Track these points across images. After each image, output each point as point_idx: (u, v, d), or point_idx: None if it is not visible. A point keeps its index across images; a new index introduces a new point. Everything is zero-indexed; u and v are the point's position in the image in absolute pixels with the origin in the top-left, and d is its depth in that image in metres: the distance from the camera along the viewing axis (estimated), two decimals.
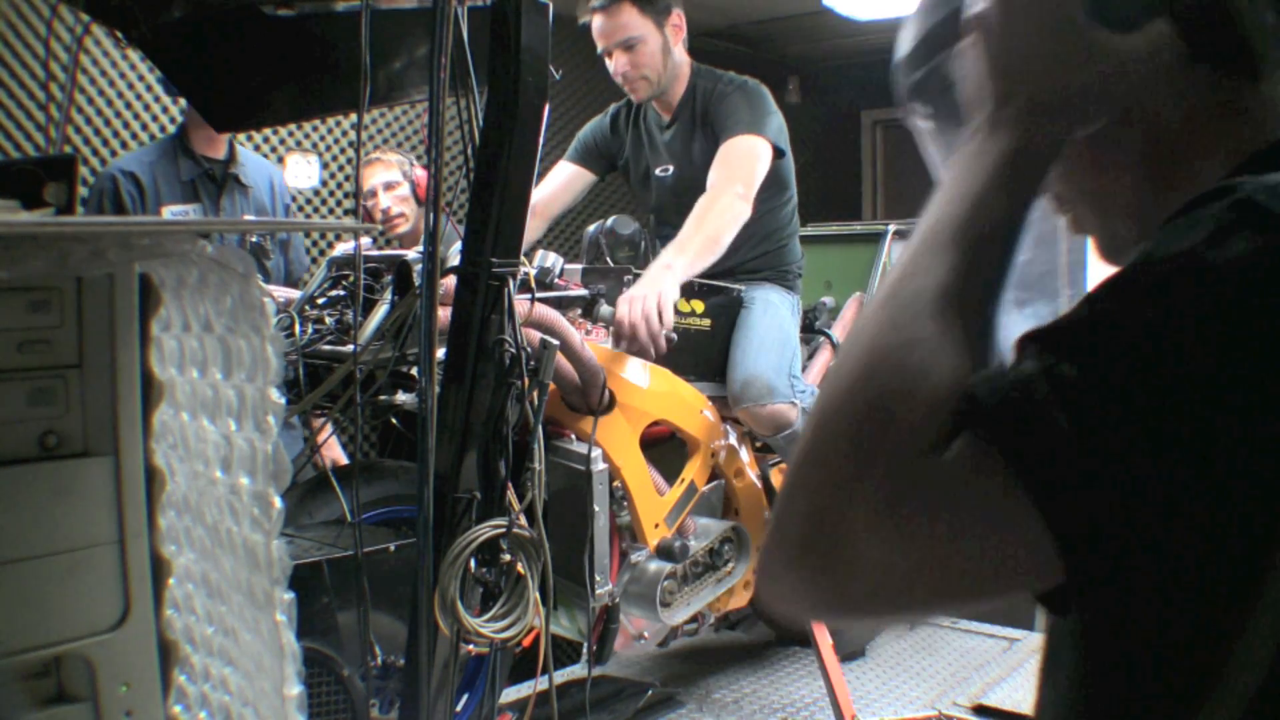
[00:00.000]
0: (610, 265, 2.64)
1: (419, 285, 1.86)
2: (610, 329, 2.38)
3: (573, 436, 2.36)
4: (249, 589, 1.31)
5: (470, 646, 1.90)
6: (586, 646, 2.43)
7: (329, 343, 2.07)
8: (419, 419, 1.62)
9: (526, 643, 2.09)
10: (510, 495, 1.73)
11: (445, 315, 1.75)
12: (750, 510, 2.84)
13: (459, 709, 2.23)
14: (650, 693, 2.89)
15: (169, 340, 1.40)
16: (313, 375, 2.05)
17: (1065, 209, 0.76)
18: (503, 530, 1.69)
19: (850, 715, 2.58)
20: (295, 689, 1.28)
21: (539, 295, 2.04)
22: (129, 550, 1.35)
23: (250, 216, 3.14)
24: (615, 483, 2.42)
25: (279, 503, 1.26)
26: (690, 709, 2.88)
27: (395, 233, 3.48)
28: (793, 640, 3.31)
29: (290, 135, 3.91)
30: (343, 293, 2.19)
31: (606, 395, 2.33)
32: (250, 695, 1.35)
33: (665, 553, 2.48)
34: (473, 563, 1.71)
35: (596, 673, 2.72)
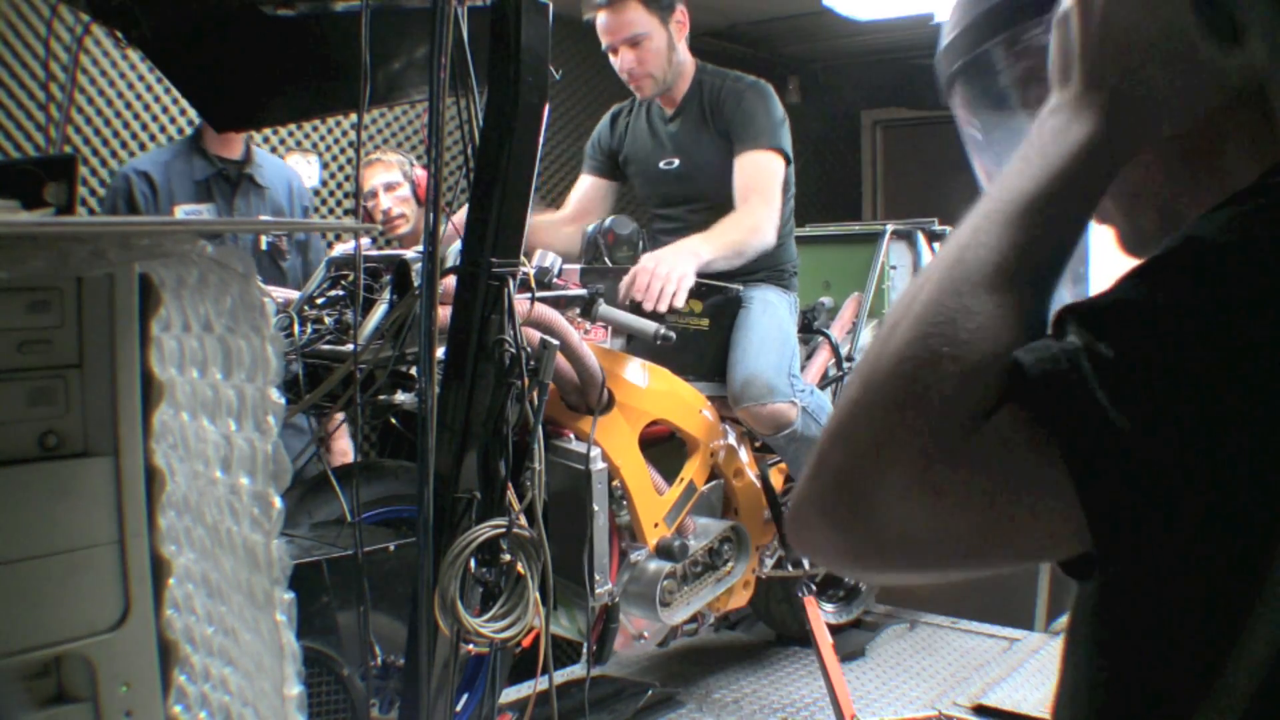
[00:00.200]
0: (609, 265, 2.64)
1: (418, 285, 1.86)
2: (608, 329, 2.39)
3: (572, 436, 2.36)
4: (249, 589, 1.31)
5: (470, 646, 1.90)
6: (586, 646, 2.44)
7: (329, 343, 2.07)
8: (419, 419, 1.62)
9: (526, 643, 2.09)
10: (510, 495, 1.73)
11: (445, 315, 1.75)
12: (750, 510, 2.84)
13: (459, 709, 2.23)
14: (650, 693, 2.89)
15: (169, 340, 1.40)
16: (313, 375, 2.05)
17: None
18: (503, 530, 1.69)
19: (850, 715, 2.58)
20: (295, 689, 1.28)
21: (538, 295, 2.04)
22: (129, 550, 1.35)
23: (265, 218, 3.14)
24: (615, 482, 2.42)
25: (279, 503, 1.26)
26: (690, 709, 2.88)
27: (396, 233, 3.48)
28: (793, 640, 3.31)
29: (290, 135, 3.91)
30: (342, 293, 2.19)
31: (606, 395, 2.33)
32: (250, 695, 1.36)
33: (665, 552, 2.49)
34: (473, 563, 1.71)
35: (596, 673, 2.72)
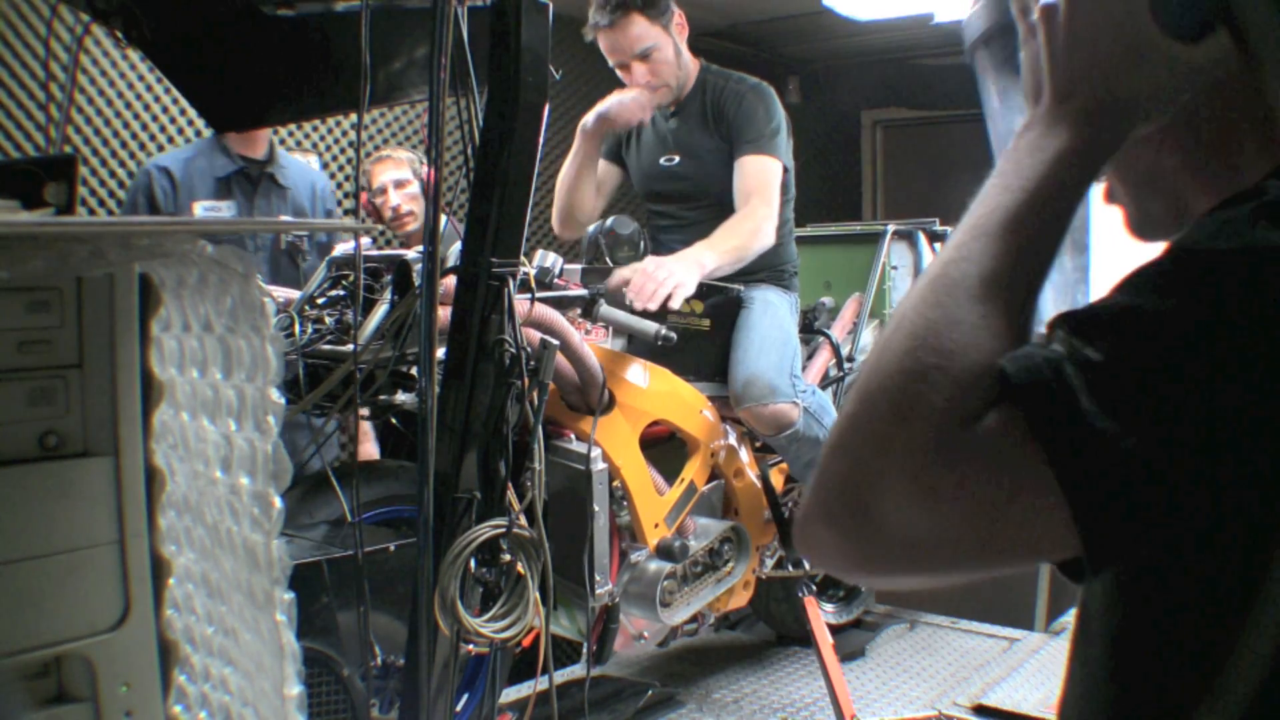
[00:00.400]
0: (610, 265, 2.65)
1: (419, 285, 1.86)
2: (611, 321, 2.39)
3: (573, 436, 2.36)
4: (249, 589, 1.31)
5: (470, 646, 1.90)
6: (586, 646, 2.43)
7: (329, 343, 2.07)
8: (419, 419, 1.62)
9: (526, 643, 2.09)
10: (510, 495, 1.73)
11: (445, 315, 1.75)
12: (750, 510, 2.84)
13: (459, 709, 2.23)
14: (650, 693, 2.89)
15: (169, 340, 1.40)
16: (313, 375, 2.05)
17: (1099, 178, 0.76)
18: (503, 530, 1.69)
19: (850, 715, 2.58)
20: (295, 689, 1.28)
21: (539, 295, 2.04)
22: (129, 550, 1.35)
23: (272, 218, 3.15)
24: (615, 482, 2.42)
25: (279, 503, 1.26)
26: (690, 709, 2.88)
27: (404, 230, 3.47)
28: (793, 640, 3.31)
29: (290, 135, 3.91)
30: (342, 292, 2.19)
31: (606, 395, 2.33)
32: (250, 695, 1.36)
33: (665, 552, 2.48)
34: (473, 563, 1.71)
35: (596, 673, 2.72)
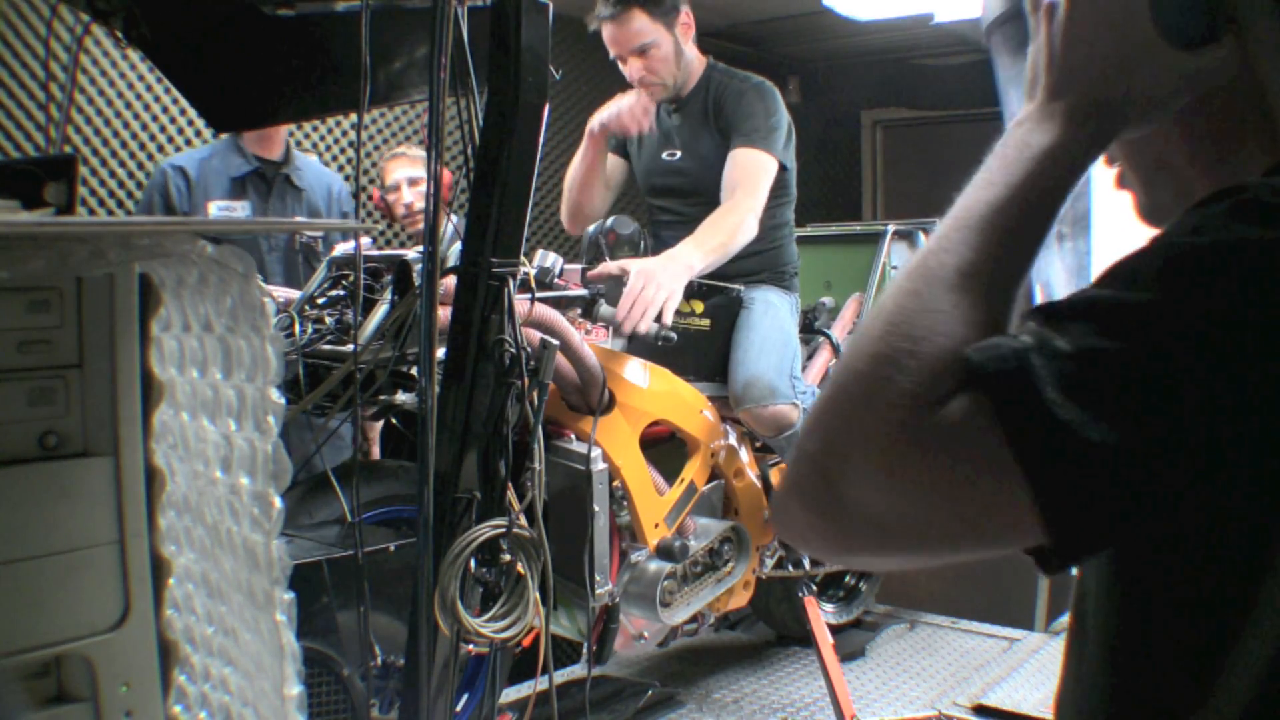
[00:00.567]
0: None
1: (419, 285, 1.86)
2: (610, 325, 2.39)
3: (573, 436, 2.36)
4: (249, 589, 1.31)
5: (470, 646, 1.90)
6: (586, 646, 2.43)
7: (329, 343, 2.07)
8: (419, 419, 1.62)
9: (526, 643, 2.09)
10: (510, 495, 1.73)
11: (445, 315, 1.75)
12: (750, 510, 2.84)
13: (459, 709, 2.23)
14: (650, 693, 2.89)
15: (169, 340, 1.40)
16: (313, 375, 2.05)
17: (1112, 164, 0.77)
18: (503, 530, 1.69)
19: (850, 715, 2.58)
20: (295, 689, 1.28)
21: (539, 295, 2.04)
22: (129, 550, 1.35)
23: (295, 219, 3.16)
24: (615, 483, 2.42)
25: (279, 503, 1.26)
26: (690, 709, 2.88)
27: (415, 228, 3.46)
28: (793, 640, 3.31)
29: (290, 135, 3.91)
30: (343, 292, 2.19)
31: (606, 395, 2.33)
32: (250, 695, 1.35)
33: (665, 553, 2.48)
34: (473, 563, 1.71)
35: (596, 673, 2.72)
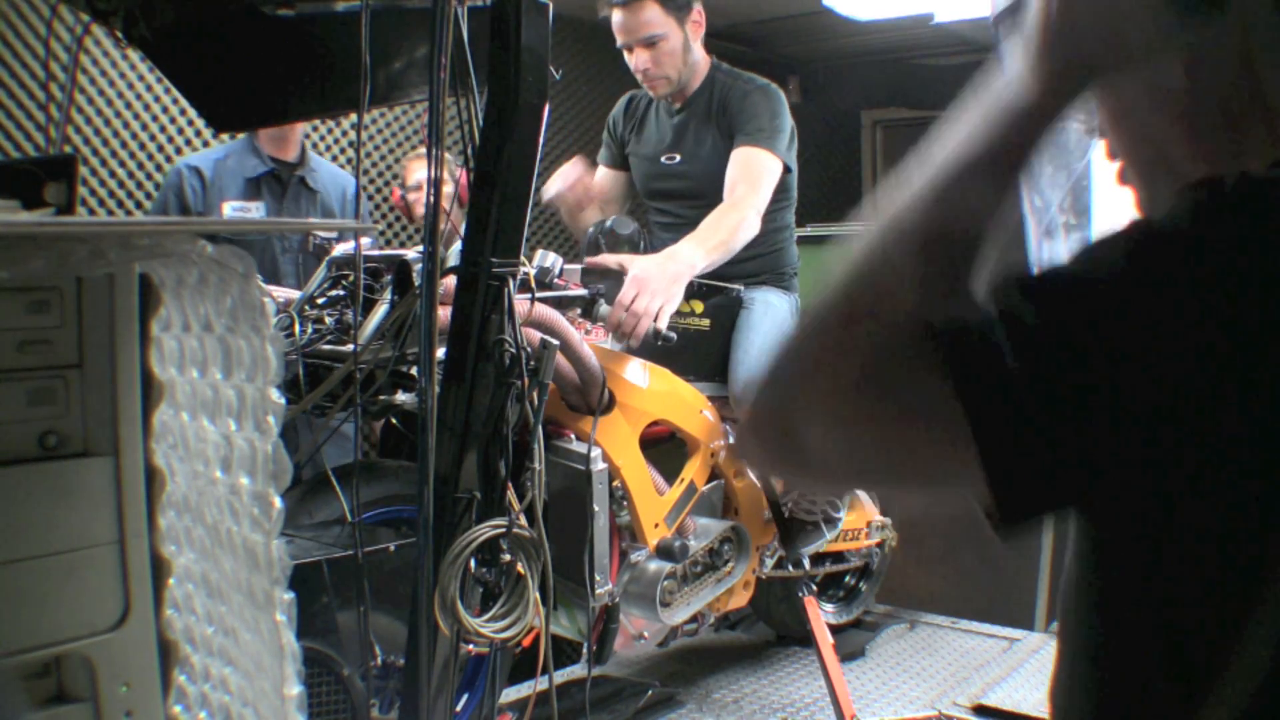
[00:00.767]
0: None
1: (419, 285, 1.86)
2: (609, 325, 2.39)
3: (573, 436, 2.36)
4: (249, 589, 1.31)
5: (470, 646, 1.90)
6: (586, 646, 2.43)
7: (329, 343, 2.07)
8: (419, 419, 1.62)
9: (526, 643, 2.09)
10: (510, 495, 1.73)
11: (445, 315, 1.75)
12: (750, 510, 2.84)
13: (459, 709, 2.23)
14: (650, 693, 2.89)
15: (169, 340, 1.40)
16: (313, 375, 2.05)
17: (1114, 159, 0.77)
18: (503, 530, 1.69)
19: (850, 715, 2.58)
20: (295, 689, 1.28)
21: (539, 295, 2.04)
22: (129, 550, 1.35)
23: (299, 219, 3.18)
24: (615, 483, 2.42)
25: (279, 503, 1.26)
26: (690, 709, 2.88)
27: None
28: (793, 640, 3.31)
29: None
30: (343, 292, 2.19)
31: (606, 395, 2.33)
32: (250, 695, 1.36)
33: (665, 552, 2.48)
34: (473, 563, 1.71)
35: (596, 673, 2.72)
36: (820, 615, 2.84)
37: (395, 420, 2.50)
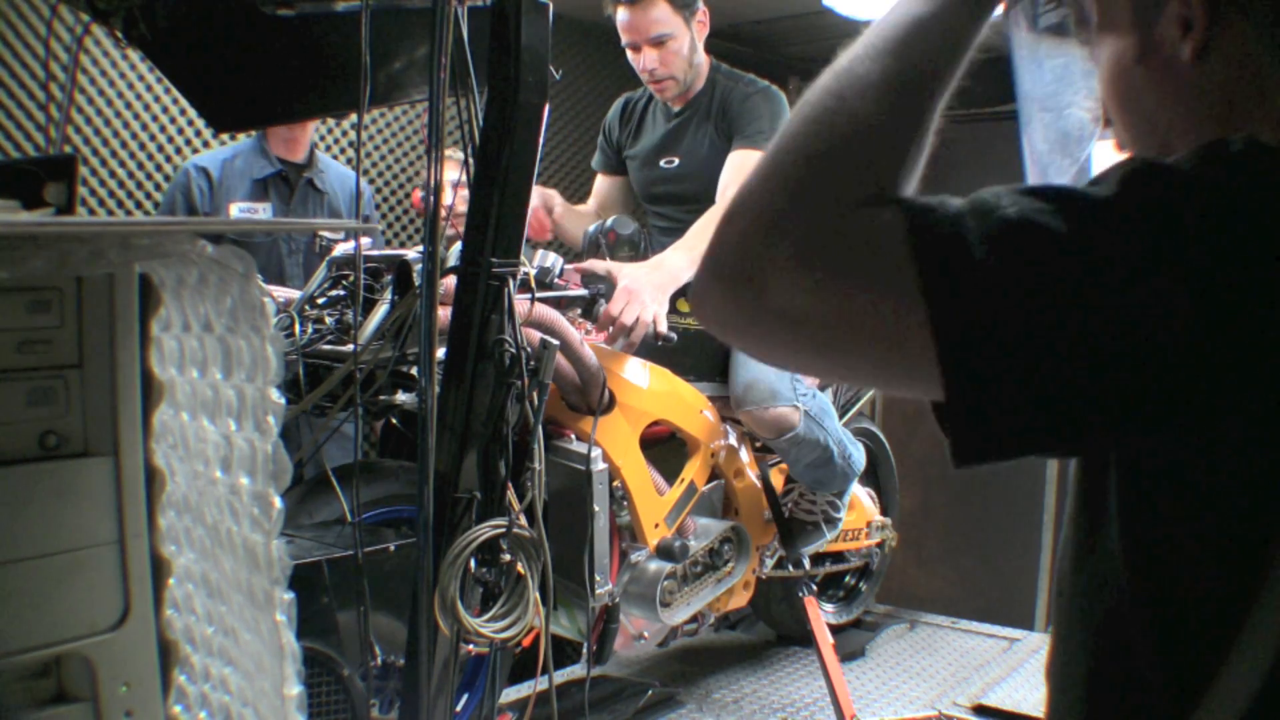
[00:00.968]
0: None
1: (419, 285, 1.86)
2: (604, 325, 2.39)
3: (573, 436, 2.36)
4: (249, 589, 1.31)
5: (470, 646, 1.90)
6: (586, 646, 2.43)
7: (329, 343, 2.07)
8: (419, 419, 1.62)
9: (526, 643, 2.09)
10: (510, 495, 1.73)
11: (445, 315, 1.75)
12: (750, 510, 2.84)
13: (459, 709, 2.23)
14: (650, 693, 2.89)
15: (169, 340, 1.39)
16: (313, 375, 2.05)
17: (1121, 149, 0.78)
18: (503, 530, 1.69)
19: (850, 715, 2.58)
20: (295, 689, 1.28)
21: (539, 295, 2.04)
22: (129, 550, 1.35)
23: (298, 220, 3.19)
24: (615, 483, 2.42)
25: (279, 503, 1.26)
26: (690, 709, 2.88)
27: (454, 229, 3.46)
28: (793, 640, 3.31)
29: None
30: (343, 292, 2.19)
31: (606, 395, 2.33)
32: (250, 695, 1.35)
33: (665, 553, 2.48)
34: (473, 563, 1.71)
35: (596, 673, 2.72)
36: (820, 615, 2.84)
37: (395, 420, 2.50)
